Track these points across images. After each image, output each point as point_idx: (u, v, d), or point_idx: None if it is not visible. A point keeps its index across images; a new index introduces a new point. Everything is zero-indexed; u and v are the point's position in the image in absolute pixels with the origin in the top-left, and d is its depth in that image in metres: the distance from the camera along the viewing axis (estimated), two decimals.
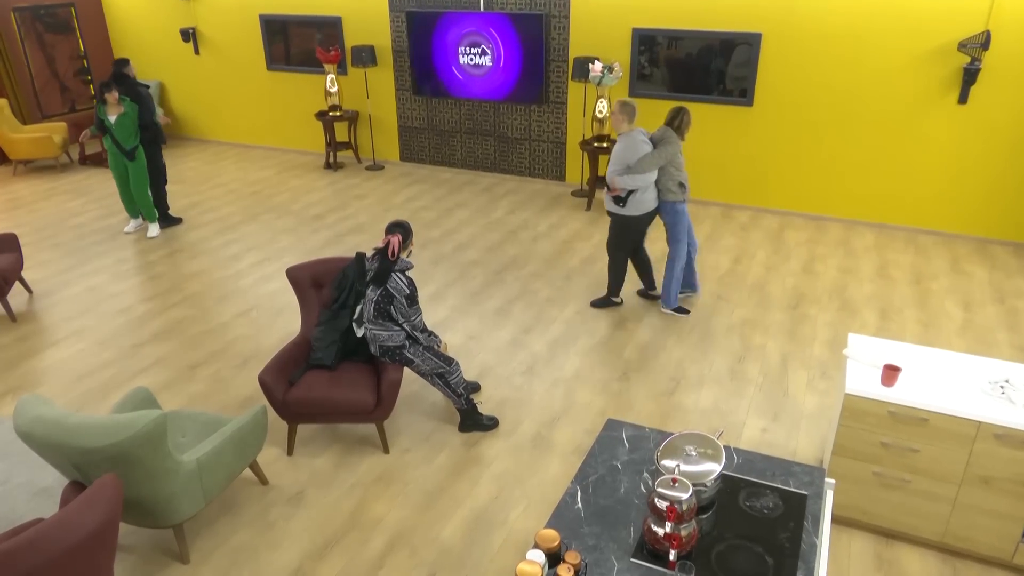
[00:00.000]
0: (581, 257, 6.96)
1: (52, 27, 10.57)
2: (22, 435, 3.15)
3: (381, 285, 4.15)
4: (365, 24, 9.30)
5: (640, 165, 5.38)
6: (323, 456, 4.36)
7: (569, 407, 4.77)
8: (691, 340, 5.52)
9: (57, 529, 2.68)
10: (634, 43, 7.95)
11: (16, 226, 7.90)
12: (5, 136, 9.41)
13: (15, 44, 10.14)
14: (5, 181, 9.49)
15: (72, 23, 10.75)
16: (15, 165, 9.75)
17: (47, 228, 7.88)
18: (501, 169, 9.30)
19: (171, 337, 5.69)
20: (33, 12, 10.28)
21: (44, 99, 10.61)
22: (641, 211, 5.54)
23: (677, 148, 5.47)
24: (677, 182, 5.52)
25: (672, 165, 5.48)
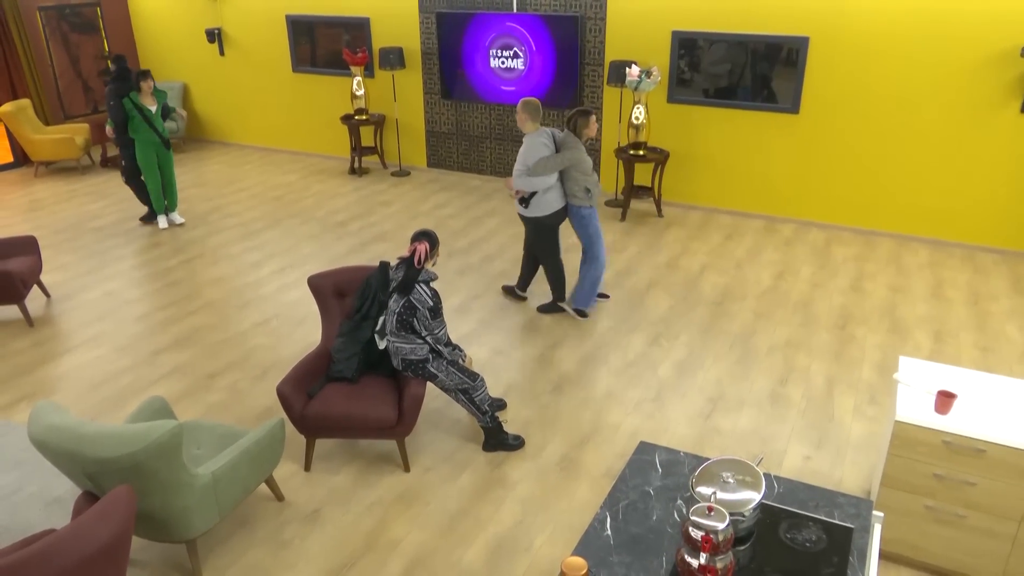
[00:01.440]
0: (615, 270, 6.93)
1: (77, 27, 10.87)
2: (36, 443, 3.22)
3: (405, 295, 4.17)
4: (394, 25, 9.42)
5: (536, 168, 5.49)
6: (341, 473, 4.38)
7: (599, 428, 4.74)
8: (730, 359, 5.46)
9: (69, 541, 2.73)
10: (673, 47, 7.94)
11: (36, 228, 8.10)
12: (27, 137, 9.68)
13: (40, 44, 10.45)
14: (26, 182, 9.75)
15: (97, 23, 11.05)
16: (36, 166, 10.01)
17: (67, 231, 8.07)
18: None
19: (189, 345, 5.78)
20: (58, 11, 10.58)
21: (67, 100, 10.90)
22: (546, 212, 5.67)
23: (580, 153, 5.54)
24: (583, 187, 5.61)
25: (576, 169, 5.58)
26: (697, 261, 7.11)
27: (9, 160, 10.39)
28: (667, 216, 8.28)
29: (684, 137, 8.24)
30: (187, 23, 10.88)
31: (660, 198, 8.30)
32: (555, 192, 5.65)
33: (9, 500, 4.15)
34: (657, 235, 7.75)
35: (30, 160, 10.21)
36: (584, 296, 5.96)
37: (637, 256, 7.23)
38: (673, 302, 6.32)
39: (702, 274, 6.84)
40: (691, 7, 7.74)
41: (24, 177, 9.98)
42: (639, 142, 7.96)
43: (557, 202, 5.68)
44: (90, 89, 11.18)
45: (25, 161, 10.38)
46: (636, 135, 7.94)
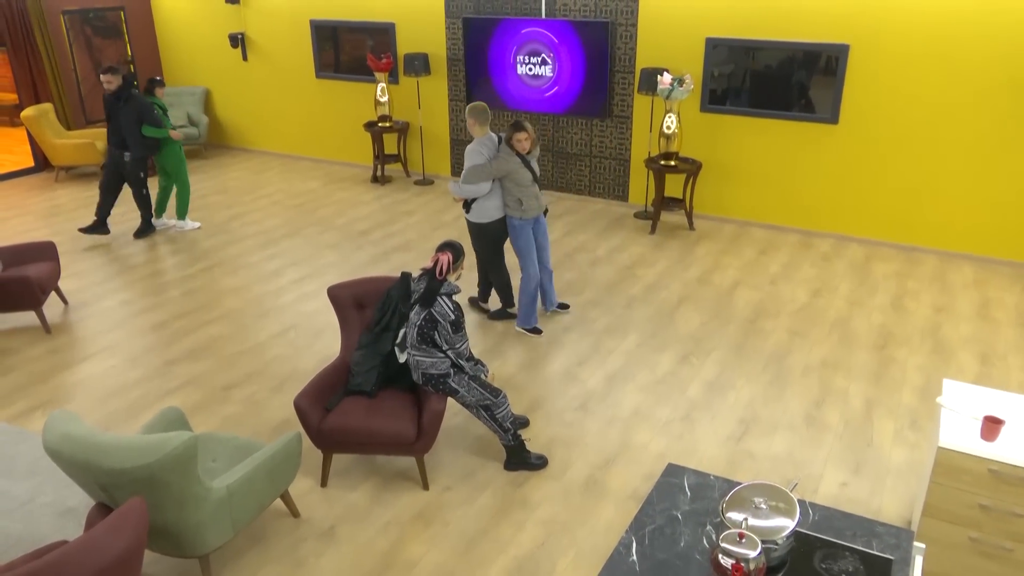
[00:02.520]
0: (644, 284, 6.91)
1: (101, 31, 11.11)
2: (50, 452, 3.27)
3: (427, 308, 4.19)
4: (419, 31, 9.52)
5: (466, 175, 5.64)
6: (358, 490, 4.39)
7: (625, 448, 4.72)
8: (763, 380, 5.41)
9: (81, 553, 2.76)
10: (708, 54, 7.92)
11: (55, 234, 8.27)
12: (49, 142, 9.90)
13: (63, 48, 10.70)
14: (47, 187, 9.96)
15: (121, 27, 11.29)
16: (57, 171, 10.23)
17: (85, 237, 8.22)
18: (559, 187, 9.33)
19: (206, 356, 5.84)
20: (82, 15, 10.83)
21: (89, 105, 11.13)
22: (485, 219, 5.82)
23: (512, 165, 5.62)
24: (516, 198, 5.71)
25: (510, 180, 5.68)
26: (729, 276, 7.06)
27: (30, 165, 10.63)
28: (699, 229, 8.24)
29: (717, 147, 8.21)
30: (210, 28, 11.08)
31: (691, 210, 8.26)
32: (494, 200, 5.79)
33: (23, 509, 4.21)
34: (688, 249, 7.71)
35: (51, 165, 10.43)
36: (524, 314, 6.01)
37: (667, 270, 7.20)
38: (704, 319, 6.28)
39: (734, 290, 6.79)
40: (726, 13, 7.73)
41: (45, 182, 10.20)
42: (670, 152, 7.95)
43: (497, 210, 5.82)
44: None
45: (46, 166, 10.61)
46: (667, 145, 7.92)
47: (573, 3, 8.45)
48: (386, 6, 9.61)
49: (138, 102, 7.68)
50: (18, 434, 4.87)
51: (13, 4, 9.90)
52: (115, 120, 7.77)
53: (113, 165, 7.93)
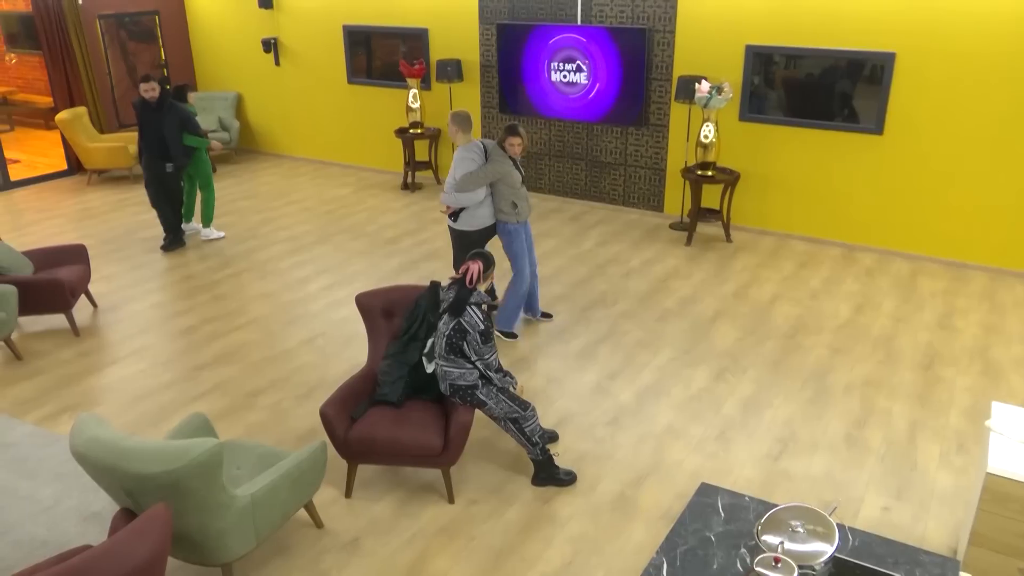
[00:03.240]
0: (679, 297, 6.86)
1: (135, 35, 11.37)
2: (77, 456, 3.33)
3: (456, 317, 4.20)
4: (452, 37, 9.59)
5: (462, 183, 5.69)
6: (383, 501, 4.41)
7: (658, 466, 4.68)
8: (802, 398, 5.34)
9: (104, 559, 2.81)
10: (747, 61, 7.88)
11: (86, 236, 8.44)
12: (82, 145, 10.13)
13: (98, 51, 10.96)
14: (79, 190, 10.19)
15: (155, 31, 11.54)
16: (90, 174, 10.46)
17: (116, 240, 8.39)
18: (592, 196, 9.32)
19: (233, 361, 5.92)
20: (118, 19, 11.09)
21: (123, 108, 11.38)
22: (474, 227, 5.87)
23: (507, 167, 5.73)
24: (510, 202, 5.81)
25: (504, 183, 5.77)
26: (768, 290, 6.99)
27: (63, 168, 10.88)
28: (736, 241, 8.18)
29: (756, 157, 8.15)
30: (243, 32, 11.28)
31: (729, 222, 8.20)
32: (486, 208, 5.87)
33: (48, 513, 4.29)
34: (725, 261, 7.65)
35: (84, 168, 10.67)
36: (506, 317, 6.07)
37: (703, 283, 7.15)
38: (741, 334, 6.22)
39: (773, 305, 6.72)
40: (767, 20, 7.68)
41: (77, 185, 10.44)
42: (707, 162, 7.90)
43: (488, 218, 5.91)
44: None
45: (79, 169, 10.86)
46: (704, 154, 7.88)
47: (609, 9, 8.46)
48: (419, 11, 9.71)
49: (180, 110, 7.72)
50: (45, 437, 4.97)
51: (51, 8, 10.17)
52: (149, 130, 7.68)
53: (152, 177, 7.85)
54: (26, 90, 13.90)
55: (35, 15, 10.17)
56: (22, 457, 4.78)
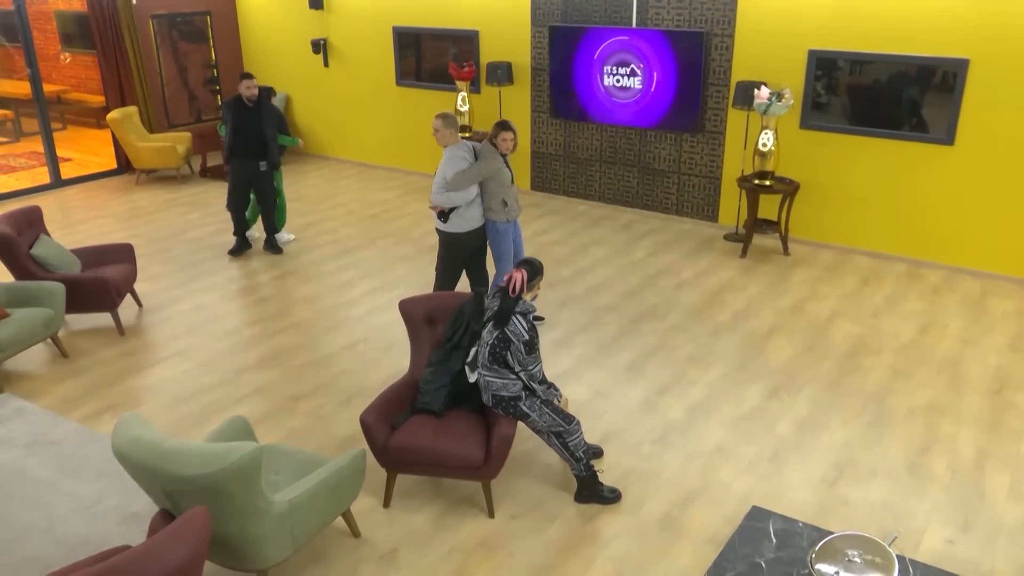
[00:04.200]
0: (732, 311, 6.78)
1: (187, 35, 11.68)
2: (119, 456, 3.42)
3: (500, 327, 4.21)
4: (503, 39, 9.64)
5: (455, 181, 5.77)
6: (422, 513, 4.43)
7: (706, 487, 4.62)
8: (862, 421, 5.22)
9: (142, 560, 2.87)
10: (810, 67, 7.77)
11: (133, 236, 8.69)
12: (132, 144, 10.43)
13: (151, 51, 11.29)
14: (127, 189, 10.49)
15: (206, 31, 11.85)
16: (138, 174, 10.77)
17: (162, 240, 8.61)
18: (644, 204, 9.27)
19: (274, 365, 6.02)
20: (170, 19, 11.42)
21: (172, 108, 11.70)
22: (465, 228, 5.95)
23: (499, 164, 5.84)
24: (500, 200, 5.91)
25: (494, 181, 5.87)
26: (827, 306, 6.86)
27: (113, 167, 11.22)
28: (794, 254, 8.05)
29: (817, 167, 8.01)
30: (293, 33, 11.50)
31: (787, 234, 8.08)
32: (476, 208, 5.96)
33: (88, 512, 4.41)
34: (782, 275, 7.54)
35: (133, 167, 10.98)
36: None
37: (758, 297, 7.05)
38: (797, 351, 6.11)
39: (832, 322, 6.59)
40: (831, 24, 7.56)
41: (126, 184, 10.75)
42: (766, 171, 7.80)
43: (477, 219, 6.00)
44: (195, 98, 11.97)
45: (128, 168, 11.18)
46: (762, 163, 7.78)
47: (666, 12, 8.42)
48: (470, 13, 9.79)
49: (276, 109, 7.85)
50: (88, 435, 5.12)
51: (105, 8, 10.51)
52: (246, 129, 7.66)
53: (245, 177, 7.86)
54: (79, 89, 14.37)
55: (90, 14, 10.53)
56: (66, 454, 4.92)
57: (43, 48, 13.76)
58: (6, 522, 4.33)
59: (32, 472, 4.76)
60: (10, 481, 4.68)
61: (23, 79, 10.95)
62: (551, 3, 9.11)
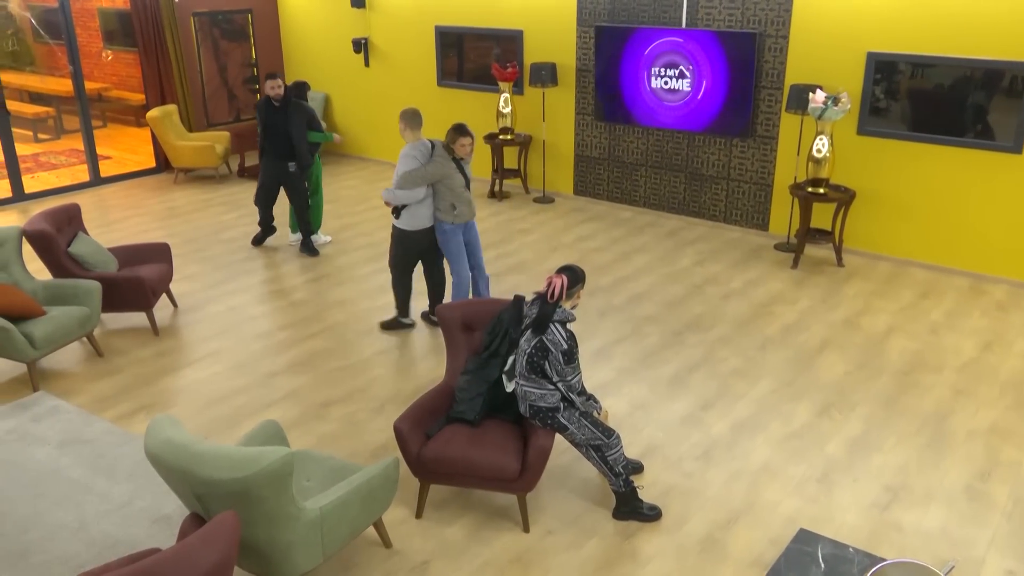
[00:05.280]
0: (782, 324, 6.69)
1: (228, 33, 11.91)
2: (151, 457, 3.49)
3: (539, 334, 4.21)
4: (548, 39, 9.66)
5: (402, 180, 5.99)
6: (455, 525, 4.44)
7: (751, 506, 4.56)
8: (918, 442, 5.11)
9: (172, 563, 2.92)
10: (868, 70, 7.65)
11: (170, 235, 8.86)
12: (171, 143, 10.66)
13: (191, 49, 11.53)
14: (165, 188, 10.72)
15: (247, 30, 12.06)
16: (176, 173, 10.99)
17: (198, 240, 8.77)
18: (691, 211, 9.21)
19: (307, 369, 6.09)
20: (211, 17, 11.65)
21: (212, 107, 11.93)
22: (413, 227, 6.18)
23: (448, 169, 6.02)
24: (449, 203, 6.09)
25: (444, 185, 6.06)
26: (882, 321, 6.74)
27: (152, 165, 11.47)
28: (848, 265, 7.93)
29: (875, 175, 7.88)
30: (335, 32, 11.66)
31: (841, 244, 7.95)
32: (426, 208, 6.16)
33: (120, 512, 4.50)
34: (835, 287, 7.42)
35: (171, 166, 11.21)
36: None
37: (809, 310, 6.95)
38: (850, 367, 6.01)
39: (888, 337, 6.47)
40: (892, 26, 7.44)
41: (163, 183, 10.98)
42: (820, 178, 7.70)
43: (427, 219, 6.20)
44: (234, 97, 12.19)
45: (166, 167, 11.42)
46: (817, 170, 7.68)
47: (717, 12, 8.37)
48: (515, 12, 9.83)
49: (305, 108, 7.94)
50: (121, 435, 5.23)
51: (148, 5, 10.76)
52: (275, 129, 7.84)
53: (274, 179, 8.07)
54: (120, 87, 14.73)
55: (132, 12, 10.79)
56: (99, 454, 5.03)
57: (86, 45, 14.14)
58: (39, 521, 4.45)
59: (65, 471, 4.87)
60: (44, 480, 4.80)
61: (65, 76, 11.27)
62: (598, 3, 9.11)
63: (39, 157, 12.55)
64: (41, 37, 15.20)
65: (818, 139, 7.61)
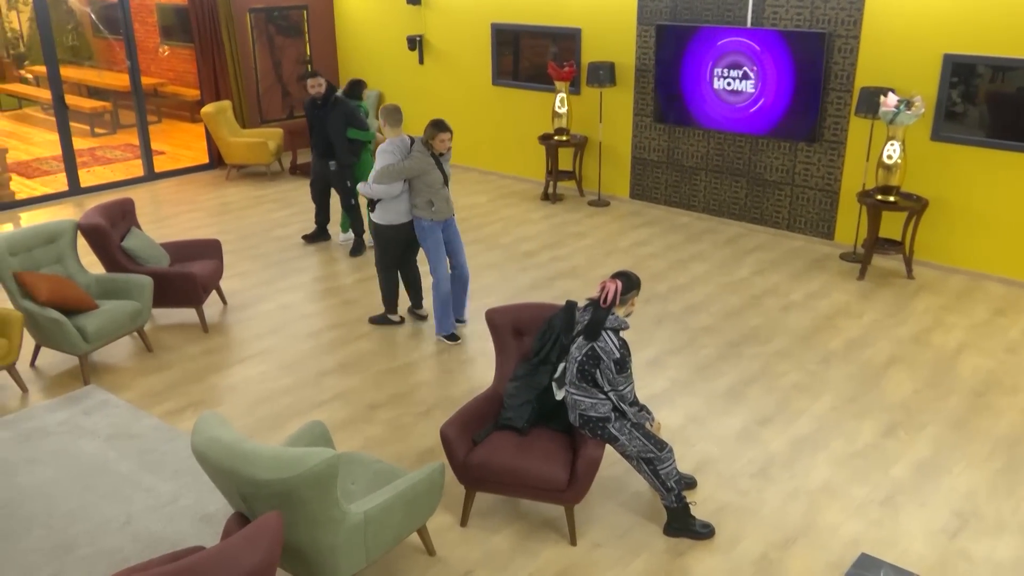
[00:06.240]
0: (846, 338, 6.56)
1: (283, 29, 12.13)
2: (197, 455, 3.56)
3: (590, 341, 4.19)
4: (607, 38, 9.63)
5: (378, 175, 6.18)
6: (500, 534, 4.44)
7: (810, 528, 4.47)
8: (991, 467, 4.96)
9: (215, 563, 2.98)
10: (944, 73, 7.46)
11: (221, 232, 9.05)
12: (224, 139, 10.88)
13: (247, 45, 11.76)
14: (218, 185, 10.95)
15: (303, 26, 12.27)
16: (229, 169, 11.22)
17: (250, 237, 8.94)
18: (751, 218, 9.08)
19: (355, 371, 6.16)
20: (267, 13, 11.87)
21: (266, 103, 12.15)
22: (389, 222, 6.37)
23: (424, 165, 6.15)
24: (426, 199, 6.24)
25: (421, 181, 6.20)
26: (954, 338, 6.56)
27: (205, 161, 11.73)
28: (919, 278, 7.73)
29: (949, 183, 7.68)
30: (389, 29, 11.78)
31: (912, 256, 7.76)
32: (402, 204, 6.33)
33: (165, 509, 4.61)
34: (904, 301, 7.25)
35: (224, 162, 11.45)
36: (439, 321, 6.53)
37: (875, 324, 6.80)
38: (918, 386, 5.86)
39: (960, 355, 6.29)
40: (971, 26, 7.25)
41: (216, 179, 11.22)
42: (890, 185, 7.53)
43: (403, 215, 6.36)
44: (288, 93, 12.40)
45: (219, 163, 11.67)
46: (887, 177, 7.51)
47: (784, 11, 8.25)
48: (573, 10, 9.81)
49: (345, 106, 8.10)
50: (169, 431, 5.35)
51: (205, 1, 11.01)
52: (318, 127, 8.10)
53: (321, 176, 8.40)
54: (175, 82, 15.10)
55: (190, 8, 11.05)
56: (146, 449, 5.16)
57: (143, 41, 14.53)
58: (87, 514, 4.57)
59: (113, 465, 5.01)
60: (92, 473, 4.94)
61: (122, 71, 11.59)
62: (659, 1, 9.05)
63: (95, 151, 12.93)
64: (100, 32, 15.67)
65: (889, 145, 7.45)
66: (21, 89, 15.50)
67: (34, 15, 9.95)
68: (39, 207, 10.09)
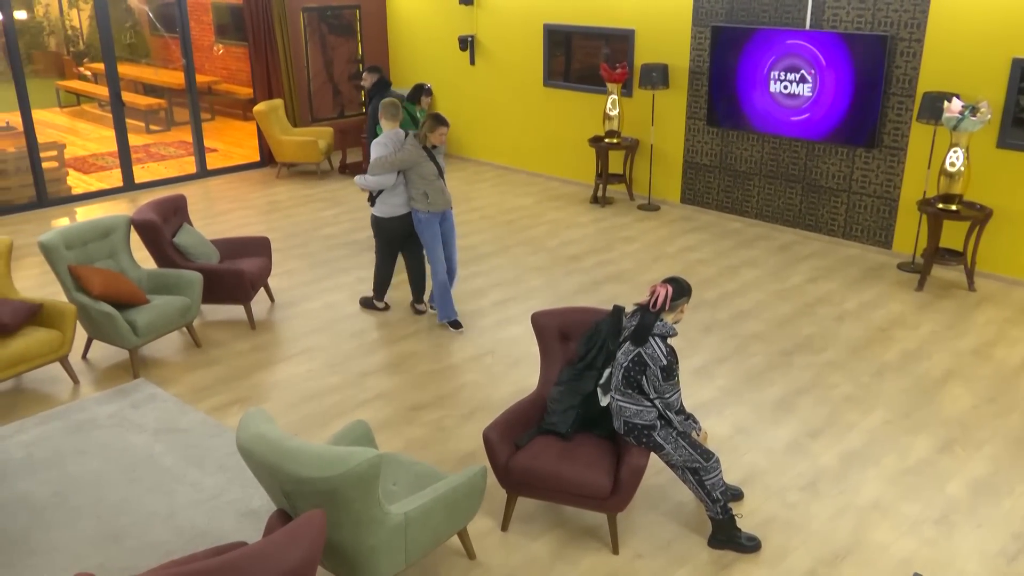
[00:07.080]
0: (901, 350, 6.43)
1: (335, 29, 12.30)
2: (242, 450, 3.63)
3: (638, 347, 4.17)
4: (661, 39, 9.58)
5: (373, 166, 6.43)
6: (540, 540, 4.45)
7: (859, 545, 4.39)
8: None
9: (257, 559, 3.03)
10: (1013, 78, 7.27)
11: (270, 230, 9.21)
12: (275, 138, 11.07)
13: (299, 44, 11.95)
14: (268, 183, 11.14)
15: (355, 25, 12.43)
16: (279, 167, 11.41)
17: (298, 235, 9.08)
18: (806, 225, 8.95)
19: (399, 372, 6.21)
20: (320, 13, 12.05)
21: (317, 102, 12.33)
22: (385, 214, 6.64)
23: (417, 156, 6.37)
24: (421, 191, 6.46)
25: (415, 173, 6.42)
26: (1017, 353, 6.39)
27: (256, 159, 11.95)
28: (980, 290, 7.55)
29: (1015, 192, 7.49)
30: (441, 29, 11.87)
31: (974, 267, 7.58)
32: (399, 196, 6.58)
33: (209, 504, 4.70)
34: (964, 313, 7.08)
35: (274, 160, 11.65)
36: (441, 307, 6.80)
37: (932, 336, 6.65)
38: (977, 401, 5.72)
39: (1022, 371, 6.13)
40: None
41: (266, 177, 11.41)
42: (952, 194, 7.36)
43: (400, 207, 6.61)
44: (339, 93, 12.57)
45: (270, 161, 11.87)
46: (949, 185, 7.35)
47: (845, 13, 8.12)
48: (627, 11, 9.79)
49: (377, 103, 8.24)
50: (215, 427, 5.46)
51: (259, 0, 11.22)
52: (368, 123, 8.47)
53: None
54: (229, 81, 15.41)
55: (244, 6, 11.27)
56: (192, 444, 5.27)
57: (198, 39, 14.87)
58: (133, 506, 4.69)
59: (159, 458, 5.13)
60: (139, 465, 5.06)
61: (178, 69, 11.85)
62: (716, 2, 8.98)
63: (150, 148, 13.25)
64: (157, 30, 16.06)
65: (952, 152, 7.29)
66: (80, 86, 15.97)
67: (94, 13, 10.23)
68: (94, 202, 10.38)
